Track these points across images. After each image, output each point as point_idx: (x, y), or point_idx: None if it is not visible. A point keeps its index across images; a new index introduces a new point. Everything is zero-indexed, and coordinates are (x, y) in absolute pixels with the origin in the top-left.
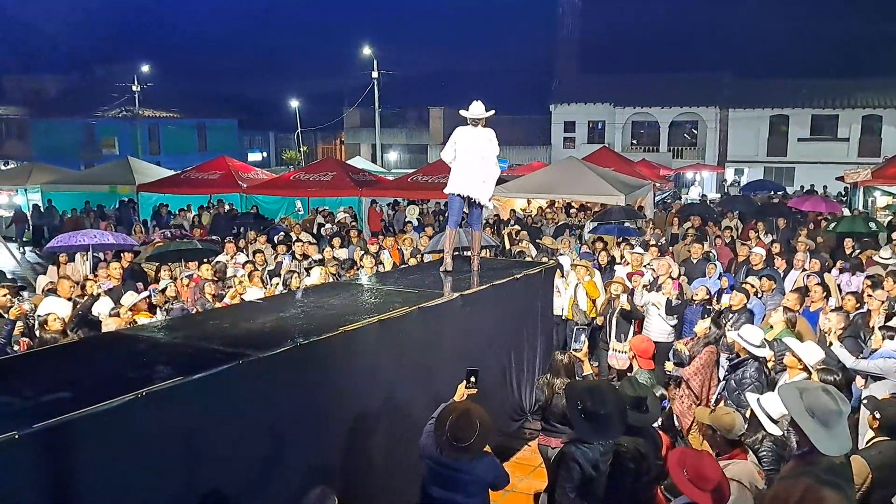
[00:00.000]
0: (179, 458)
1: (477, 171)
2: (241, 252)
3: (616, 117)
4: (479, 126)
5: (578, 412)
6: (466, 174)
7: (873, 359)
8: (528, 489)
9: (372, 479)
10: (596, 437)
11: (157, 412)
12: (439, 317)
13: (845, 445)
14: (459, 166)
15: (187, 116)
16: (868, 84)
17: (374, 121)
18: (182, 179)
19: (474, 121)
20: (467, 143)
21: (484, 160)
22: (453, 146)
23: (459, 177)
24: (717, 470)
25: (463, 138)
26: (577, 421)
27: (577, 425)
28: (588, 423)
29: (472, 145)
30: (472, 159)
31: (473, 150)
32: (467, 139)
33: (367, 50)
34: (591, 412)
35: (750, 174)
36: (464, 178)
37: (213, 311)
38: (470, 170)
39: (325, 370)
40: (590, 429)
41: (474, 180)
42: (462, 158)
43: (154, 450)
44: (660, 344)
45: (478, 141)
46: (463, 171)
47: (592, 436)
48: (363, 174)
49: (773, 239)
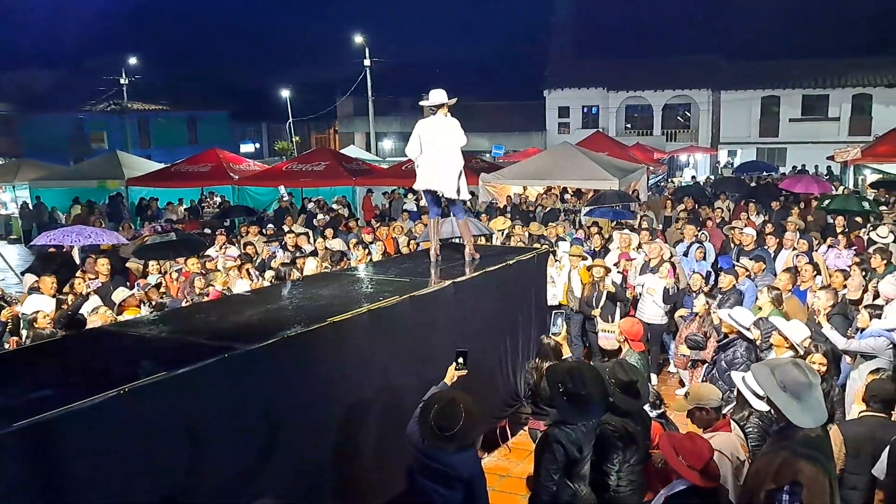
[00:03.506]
0: (165, 454)
1: (441, 164)
2: (233, 245)
3: (609, 102)
4: (442, 115)
5: (560, 394)
6: (431, 168)
7: (862, 338)
8: (522, 474)
9: (365, 470)
10: (578, 419)
11: (141, 408)
12: (431, 305)
13: (819, 417)
14: (424, 160)
15: (177, 109)
16: (858, 63)
17: (368, 109)
18: (172, 173)
19: (433, 109)
20: (431, 136)
21: (449, 151)
22: (417, 140)
23: (425, 171)
24: (709, 449)
25: (426, 130)
26: (559, 403)
27: (558, 407)
28: (569, 404)
29: (436, 137)
30: (435, 152)
31: (437, 142)
32: (430, 131)
33: (360, 38)
34: (572, 393)
35: (743, 155)
36: (429, 172)
37: (200, 305)
38: (434, 164)
39: (315, 361)
40: (571, 410)
41: (439, 174)
42: (426, 152)
43: (139, 446)
44: (654, 326)
45: (440, 132)
46: (428, 166)
47: (574, 417)
48: (357, 163)
49: (766, 220)
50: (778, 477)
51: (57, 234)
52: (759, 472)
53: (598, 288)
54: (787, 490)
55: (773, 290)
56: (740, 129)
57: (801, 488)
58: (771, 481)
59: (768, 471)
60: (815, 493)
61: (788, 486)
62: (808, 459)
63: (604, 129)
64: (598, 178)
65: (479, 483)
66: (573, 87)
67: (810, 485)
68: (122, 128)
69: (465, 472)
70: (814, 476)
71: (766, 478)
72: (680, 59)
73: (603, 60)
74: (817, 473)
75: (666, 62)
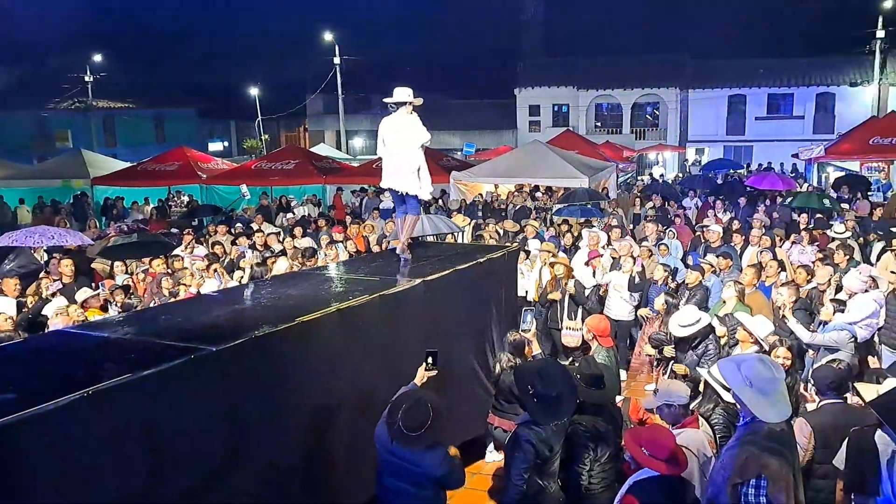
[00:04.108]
0: (130, 457)
1: (399, 162)
2: (201, 245)
3: (579, 100)
4: (405, 113)
5: (530, 395)
6: (393, 166)
7: (826, 331)
8: (492, 471)
9: (336, 470)
10: (548, 419)
11: (105, 411)
12: (402, 303)
13: (784, 411)
14: (386, 158)
15: (144, 107)
16: (821, 63)
17: (338, 107)
18: (139, 171)
19: (394, 106)
20: (392, 134)
21: (406, 148)
22: (382, 139)
23: (387, 169)
24: (671, 439)
25: (388, 129)
26: (529, 404)
27: (528, 407)
28: (539, 405)
29: (396, 135)
30: (396, 150)
31: (397, 140)
32: (391, 129)
33: (329, 35)
34: (541, 395)
35: (710, 153)
36: (391, 170)
37: (166, 306)
38: (394, 161)
39: (283, 362)
40: (541, 411)
41: (399, 172)
42: (387, 150)
43: (103, 450)
44: (621, 322)
45: (400, 129)
46: (389, 164)
47: (544, 418)
48: (327, 161)
49: (732, 216)
50: (744, 471)
51: (20, 235)
52: (724, 466)
53: (560, 285)
54: (753, 484)
55: (738, 285)
56: (708, 128)
57: (767, 482)
58: (737, 475)
59: (734, 464)
60: (779, 487)
61: (754, 479)
62: (772, 453)
63: (574, 128)
64: (569, 177)
65: (450, 481)
66: (543, 86)
67: (775, 478)
68: (86, 126)
69: (435, 471)
70: (778, 469)
71: (731, 472)
72: (648, 58)
73: (573, 59)
74: (781, 467)
75: (635, 61)
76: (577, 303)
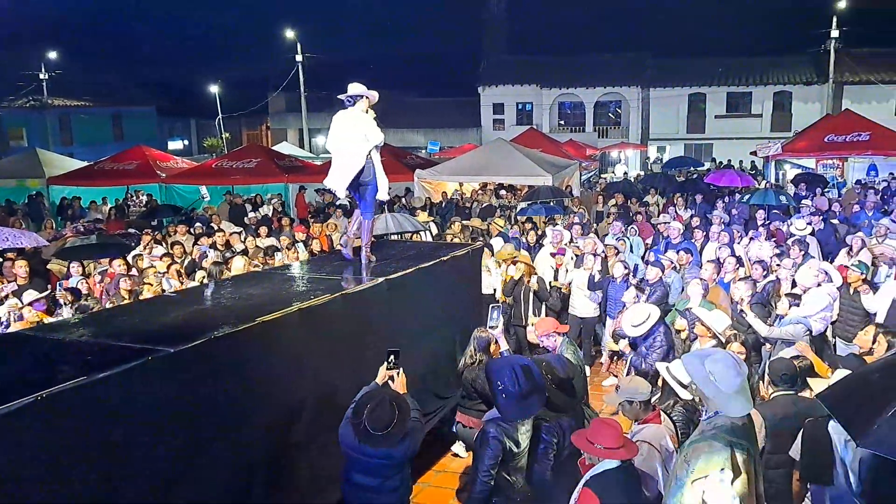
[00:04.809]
0: (85, 462)
1: (351, 159)
2: (160, 245)
3: (543, 99)
4: (359, 110)
5: (499, 392)
6: (343, 164)
7: (783, 325)
8: (458, 469)
9: (300, 470)
10: (517, 416)
11: (59, 414)
12: (365, 302)
13: (747, 406)
14: (336, 156)
15: (101, 105)
16: (778, 62)
17: (301, 105)
18: (96, 171)
19: (349, 100)
20: (344, 131)
21: (356, 146)
22: (334, 135)
23: (337, 167)
24: (618, 427)
25: (340, 125)
26: (499, 400)
27: (498, 405)
28: (509, 402)
29: (346, 133)
30: (347, 147)
31: (348, 137)
32: (342, 126)
33: (291, 33)
34: (511, 392)
35: (671, 151)
36: (341, 169)
37: (124, 307)
38: (344, 159)
39: (244, 363)
40: (509, 407)
41: (342, 171)
42: (339, 147)
43: (58, 453)
44: (585, 319)
45: (351, 126)
46: (339, 161)
47: (514, 414)
48: (290, 160)
49: (693, 213)
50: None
51: None
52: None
53: (523, 282)
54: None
55: (703, 283)
56: (669, 126)
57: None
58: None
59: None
60: (742, 481)
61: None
62: (736, 447)
63: (537, 126)
64: (533, 175)
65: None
66: (507, 84)
67: (738, 471)
68: (42, 124)
69: (406, 456)
70: (741, 463)
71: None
72: (610, 57)
73: (536, 58)
74: (744, 460)
75: (597, 60)
76: (541, 300)
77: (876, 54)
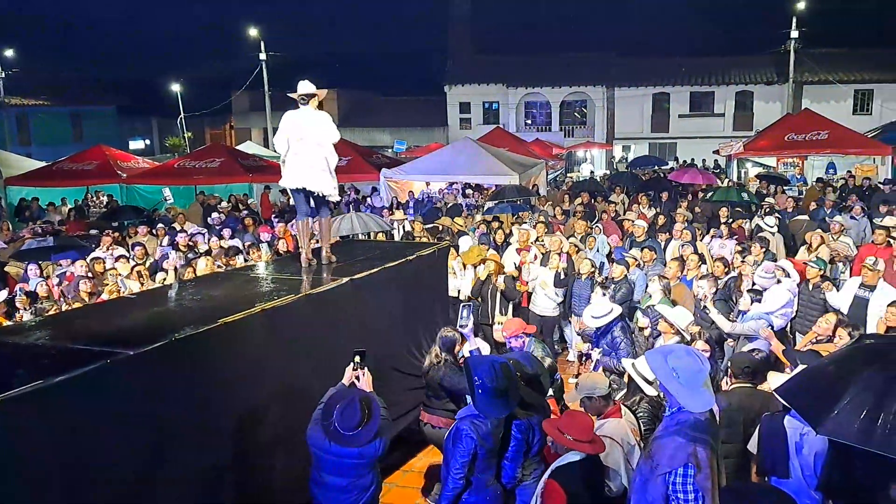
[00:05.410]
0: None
1: (312, 160)
2: (121, 246)
3: (509, 98)
4: (312, 109)
5: (476, 387)
6: (301, 164)
7: (745, 321)
8: (423, 468)
9: (268, 473)
10: (493, 412)
11: (14, 419)
12: (330, 303)
13: (709, 401)
14: (292, 157)
15: (60, 104)
16: (740, 62)
17: (265, 104)
18: (55, 171)
19: (303, 98)
20: (300, 131)
21: (320, 147)
22: (285, 135)
23: (294, 168)
24: (590, 422)
25: (294, 125)
26: (476, 396)
27: (475, 400)
28: (485, 397)
29: (305, 132)
30: (306, 147)
31: (306, 136)
32: (299, 125)
33: (255, 31)
34: (489, 388)
35: (636, 150)
36: (299, 169)
37: (83, 309)
38: (304, 159)
39: (207, 365)
40: (487, 404)
41: (311, 171)
42: (295, 147)
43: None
44: (546, 318)
45: (310, 126)
46: (297, 162)
47: (490, 411)
48: (254, 159)
49: (657, 212)
50: (671, 460)
51: None
52: (652, 455)
53: (490, 281)
54: (681, 473)
55: (663, 280)
56: (633, 125)
57: (694, 470)
58: (665, 465)
59: (662, 454)
60: (705, 475)
61: (682, 468)
62: (699, 442)
63: (504, 125)
64: (499, 174)
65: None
66: (473, 84)
67: (702, 466)
68: None
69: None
70: (705, 458)
71: (659, 461)
72: (576, 56)
73: (502, 57)
74: (707, 455)
75: (562, 59)
76: (508, 298)
77: (834, 55)
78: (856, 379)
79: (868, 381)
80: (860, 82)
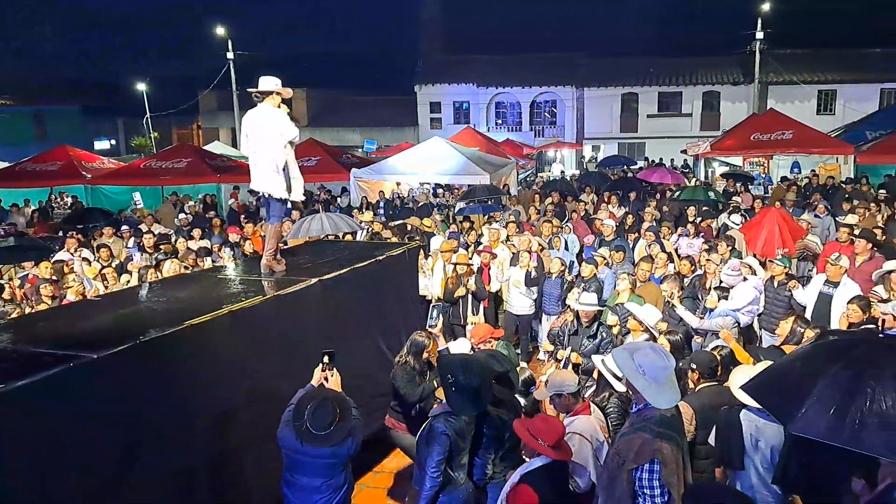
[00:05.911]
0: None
1: (261, 159)
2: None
3: (479, 98)
4: (269, 106)
5: (450, 385)
6: (252, 165)
7: (712, 317)
8: (395, 469)
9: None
10: (467, 410)
11: None
12: (298, 304)
13: (675, 398)
14: (251, 156)
15: (22, 102)
16: (707, 62)
17: (233, 103)
18: (17, 172)
19: (257, 96)
20: (255, 130)
21: (270, 146)
22: (245, 134)
23: (252, 169)
24: (560, 424)
25: (249, 124)
26: (449, 394)
27: (448, 398)
28: (459, 395)
29: (259, 131)
30: (259, 147)
31: (260, 136)
32: (254, 124)
33: (222, 29)
34: (462, 385)
35: (605, 150)
36: (252, 170)
37: (45, 312)
38: (255, 160)
39: (173, 367)
40: (461, 401)
41: (260, 172)
42: (253, 147)
43: None
44: (521, 317)
45: (264, 125)
46: (252, 162)
47: (463, 408)
48: (222, 159)
49: (626, 211)
50: (638, 456)
51: None
52: (619, 451)
53: (462, 282)
54: (647, 468)
55: (631, 278)
56: (603, 125)
57: (660, 466)
58: (632, 461)
59: (629, 450)
60: (671, 470)
61: (648, 464)
62: (665, 438)
63: (475, 125)
64: (470, 174)
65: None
66: (444, 83)
67: (668, 462)
68: None
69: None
70: (670, 454)
71: (626, 457)
72: (546, 56)
73: (473, 57)
74: (673, 451)
75: (533, 59)
76: (479, 299)
77: (798, 55)
78: (822, 376)
79: (834, 378)
80: (824, 83)
